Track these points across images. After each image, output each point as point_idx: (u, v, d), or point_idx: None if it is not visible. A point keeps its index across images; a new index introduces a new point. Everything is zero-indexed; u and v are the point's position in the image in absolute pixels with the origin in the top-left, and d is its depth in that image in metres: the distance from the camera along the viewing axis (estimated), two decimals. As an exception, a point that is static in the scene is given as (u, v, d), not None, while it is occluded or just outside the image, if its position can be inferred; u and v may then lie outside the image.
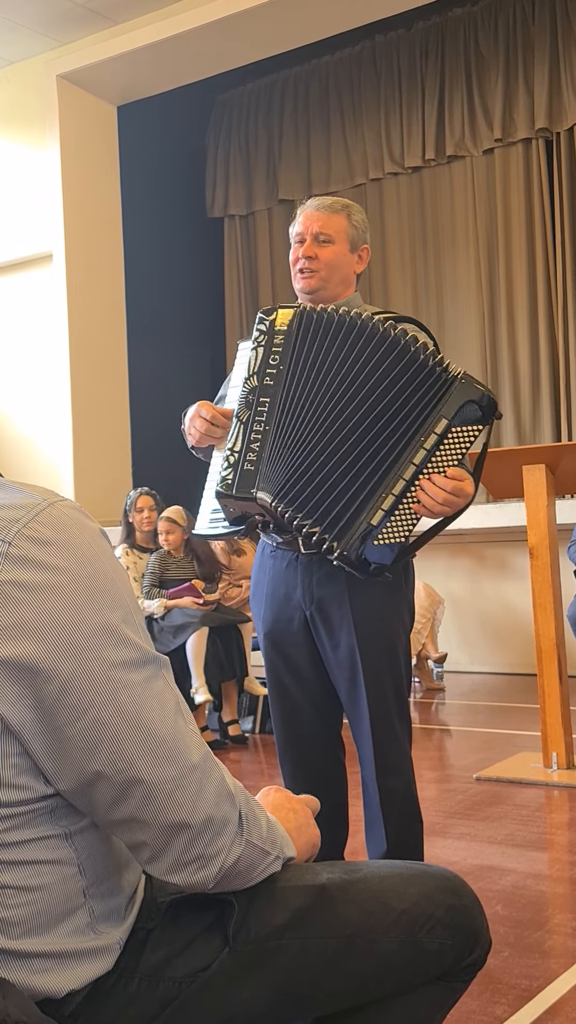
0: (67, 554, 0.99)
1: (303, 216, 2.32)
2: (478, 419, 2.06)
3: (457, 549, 7.13)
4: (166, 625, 5.10)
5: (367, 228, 2.37)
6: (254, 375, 2.11)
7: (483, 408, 2.06)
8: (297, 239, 2.32)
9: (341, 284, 2.32)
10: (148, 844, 1.04)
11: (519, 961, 2.31)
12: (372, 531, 2.03)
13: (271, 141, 8.81)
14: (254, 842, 1.10)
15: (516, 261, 7.65)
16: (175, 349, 8.49)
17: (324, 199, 2.35)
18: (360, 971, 1.16)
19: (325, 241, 2.28)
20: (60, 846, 1.03)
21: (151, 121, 8.34)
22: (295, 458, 2.06)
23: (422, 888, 1.21)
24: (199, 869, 1.05)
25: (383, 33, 8.02)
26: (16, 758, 0.98)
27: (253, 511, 2.12)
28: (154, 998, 1.08)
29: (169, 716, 1.03)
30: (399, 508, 2.04)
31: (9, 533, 0.98)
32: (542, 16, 7.41)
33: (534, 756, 4.19)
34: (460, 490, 2.05)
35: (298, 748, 2.40)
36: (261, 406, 2.09)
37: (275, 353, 2.11)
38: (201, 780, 1.05)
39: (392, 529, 2.04)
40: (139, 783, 1.01)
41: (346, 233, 2.30)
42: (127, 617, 1.03)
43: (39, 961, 1.00)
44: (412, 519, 2.06)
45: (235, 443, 2.09)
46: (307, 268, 2.29)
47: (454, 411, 2.05)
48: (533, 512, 3.97)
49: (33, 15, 7.27)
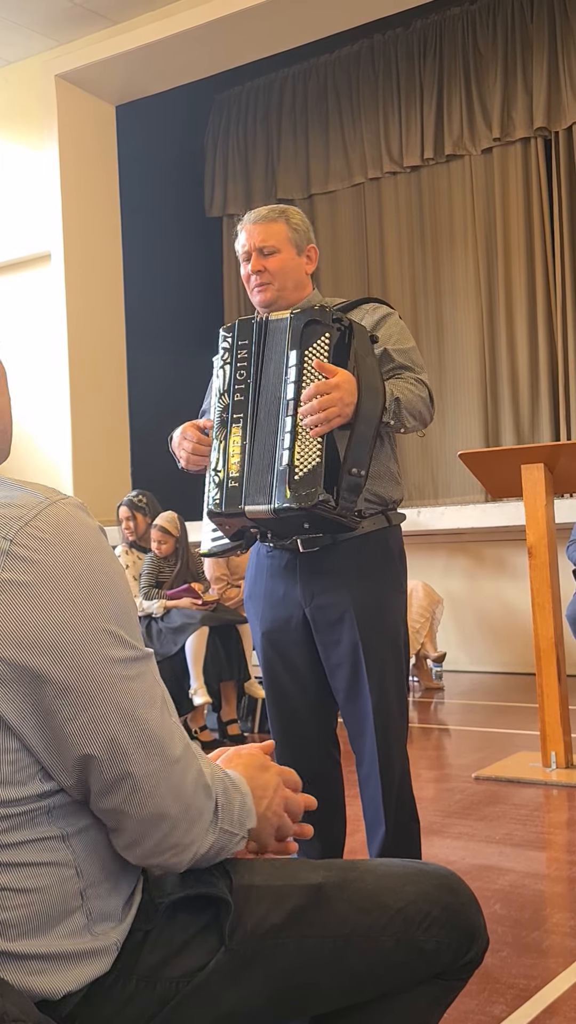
0: (67, 553, 1.01)
1: (244, 232, 2.35)
2: (323, 329, 2.11)
3: (456, 548, 7.13)
4: (165, 627, 5.10)
5: (309, 228, 2.39)
6: (225, 393, 2.19)
7: (319, 319, 2.11)
8: (244, 256, 2.35)
9: (296, 289, 2.34)
10: (127, 832, 1.06)
11: (517, 960, 2.31)
12: (285, 473, 2.05)
13: (269, 140, 8.81)
14: (225, 827, 1.13)
15: (515, 260, 7.65)
16: (174, 348, 8.48)
17: (260, 210, 2.37)
18: (357, 970, 1.17)
19: (270, 252, 2.31)
20: (58, 848, 1.03)
21: (150, 121, 8.33)
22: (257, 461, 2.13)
23: (419, 887, 1.21)
24: (173, 856, 1.09)
25: (381, 32, 8.02)
26: (14, 754, 0.99)
27: (246, 525, 2.18)
28: (151, 998, 1.08)
29: (157, 710, 1.06)
30: (299, 438, 2.07)
31: (11, 531, 0.99)
32: (540, 15, 7.41)
33: (533, 755, 4.19)
34: (331, 386, 2.05)
35: (296, 748, 2.40)
36: (235, 423, 2.16)
37: (241, 368, 2.18)
38: (182, 772, 1.07)
39: (302, 458, 2.06)
40: (129, 777, 1.03)
41: (288, 239, 2.33)
42: (124, 615, 1.04)
43: (36, 963, 1.01)
44: (315, 442, 2.06)
45: (216, 463, 2.17)
46: (260, 282, 2.32)
47: (298, 339, 2.11)
48: (532, 511, 3.97)
49: (32, 15, 7.26)
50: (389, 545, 2.34)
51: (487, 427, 7.77)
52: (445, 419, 7.72)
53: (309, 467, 2.04)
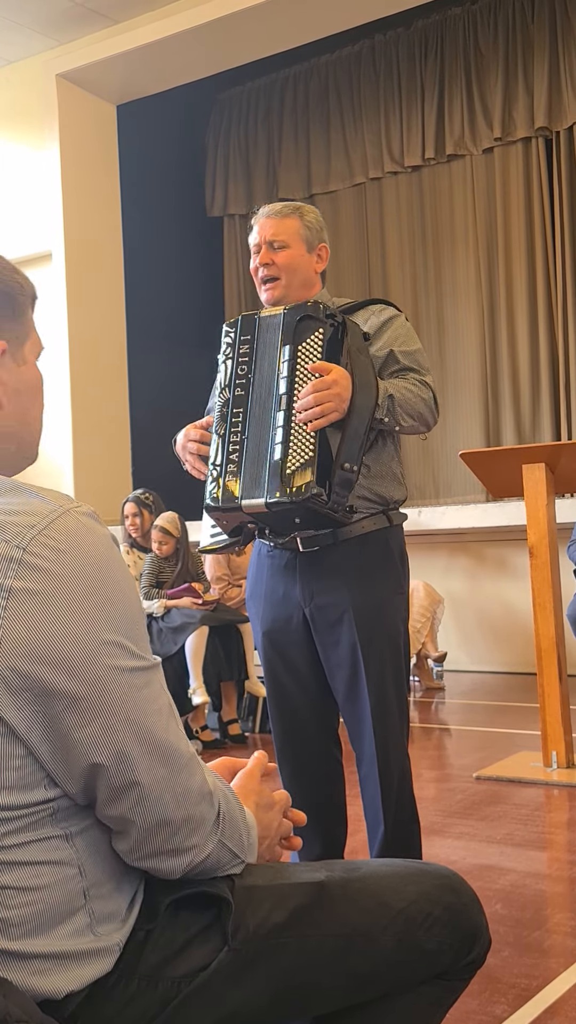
0: (80, 563, 1.01)
1: (257, 226, 2.35)
2: (316, 325, 2.11)
3: (457, 548, 7.13)
4: (165, 626, 5.10)
5: (323, 227, 2.38)
6: (226, 387, 2.19)
7: (312, 314, 2.11)
8: (254, 250, 2.35)
9: (303, 287, 2.34)
10: (129, 836, 1.07)
11: (518, 960, 2.31)
12: (278, 467, 2.05)
13: (270, 140, 8.81)
14: (227, 844, 1.13)
15: (516, 260, 7.65)
16: (175, 348, 8.48)
17: (275, 205, 2.38)
18: (359, 969, 1.17)
19: (280, 247, 2.31)
20: (61, 847, 1.04)
21: (150, 120, 8.33)
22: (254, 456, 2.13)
23: (421, 887, 1.21)
24: (169, 858, 1.09)
25: (382, 32, 8.01)
26: (20, 760, 0.99)
27: (244, 520, 2.18)
28: (154, 998, 1.08)
29: (164, 718, 1.06)
30: (292, 433, 2.07)
31: (24, 539, 1.00)
32: (541, 15, 7.40)
33: (534, 755, 4.18)
34: (328, 382, 2.05)
35: (297, 748, 2.40)
36: (235, 417, 2.16)
37: (243, 363, 2.18)
38: (187, 780, 1.08)
39: (295, 453, 2.06)
40: (136, 785, 1.04)
41: (300, 235, 2.32)
42: (134, 625, 1.05)
43: (38, 962, 1.01)
44: (308, 437, 2.06)
45: (216, 457, 2.17)
46: (267, 276, 2.32)
47: (291, 334, 2.11)
48: (533, 511, 3.97)
49: (32, 14, 7.27)
50: (390, 545, 2.33)
51: (488, 427, 7.77)
52: (446, 419, 7.72)
53: (301, 461, 2.04)
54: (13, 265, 1.19)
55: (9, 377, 1.15)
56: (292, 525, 2.15)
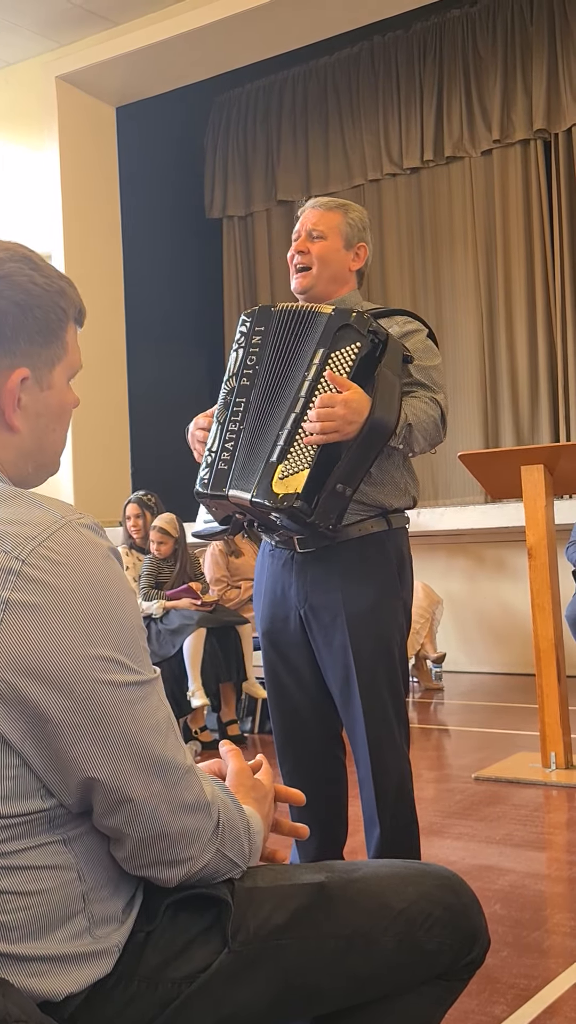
0: (78, 577, 1.00)
1: (302, 215, 2.37)
2: (356, 337, 2.08)
3: (456, 549, 7.14)
4: (164, 628, 5.10)
5: (366, 227, 2.38)
6: (233, 376, 2.19)
7: (355, 325, 2.08)
8: (294, 237, 2.37)
9: (334, 282, 2.33)
10: (125, 846, 1.06)
11: (518, 961, 2.31)
12: (272, 467, 2.03)
13: (269, 142, 8.81)
14: (227, 854, 1.13)
15: (514, 262, 7.66)
16: (174, 350, 8.49)
17: (323, 198, 2.39)
18: (359, 970, 1.17)
19: (318, 237, 2.32)
20: (59, 851, 1.04)
21: (150, 122, 8.34)
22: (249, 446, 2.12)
23: (421, 887, 1.22)
24: (166, 869, 1.09)
25: (381, 34, 8.02)
26: (15, 770, 0.99)
27: (231, 510, 2.17)
28: (153, 1000, 1.08)
29: (162, 732, 1.06)
30: (296, 439, 2.05)
31: (24, 551, 0.99)
32: (540, 17, 7.41)
33: (532, 756, 4.19)
34: (337, 400, 2.02)
35: (297, 747, 2.40)
36: (237, 406, 2.15)
37: (252, 353, 2.17)
38: (183, 793, 1.07)
39: (292, 461, 2.03)
40: (130, 801, 1.03)
41: (339, 230, 2.32)
42: (132, 640, 1.04)
43: (37, 964, 1.01)
44: (309, 448, 2.03)
45: (212, 443, 2.16)
46: (300, 264, 2.32)
47: (329, 340, 2.09)
48: (531, 512, 3.98)
49: (32, 16, 7.27)
50: (387, 548, 2.30)
51: (487, 428, 7.77)
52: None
53: (295, 471, 2.03)
54: (63, 286, 1.16)
55: (31, 402, 1.14)
56: (276, 525, 2.13)
